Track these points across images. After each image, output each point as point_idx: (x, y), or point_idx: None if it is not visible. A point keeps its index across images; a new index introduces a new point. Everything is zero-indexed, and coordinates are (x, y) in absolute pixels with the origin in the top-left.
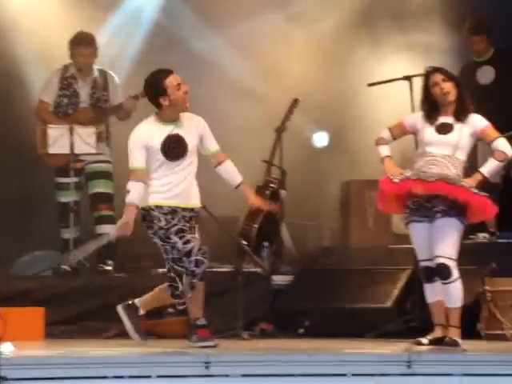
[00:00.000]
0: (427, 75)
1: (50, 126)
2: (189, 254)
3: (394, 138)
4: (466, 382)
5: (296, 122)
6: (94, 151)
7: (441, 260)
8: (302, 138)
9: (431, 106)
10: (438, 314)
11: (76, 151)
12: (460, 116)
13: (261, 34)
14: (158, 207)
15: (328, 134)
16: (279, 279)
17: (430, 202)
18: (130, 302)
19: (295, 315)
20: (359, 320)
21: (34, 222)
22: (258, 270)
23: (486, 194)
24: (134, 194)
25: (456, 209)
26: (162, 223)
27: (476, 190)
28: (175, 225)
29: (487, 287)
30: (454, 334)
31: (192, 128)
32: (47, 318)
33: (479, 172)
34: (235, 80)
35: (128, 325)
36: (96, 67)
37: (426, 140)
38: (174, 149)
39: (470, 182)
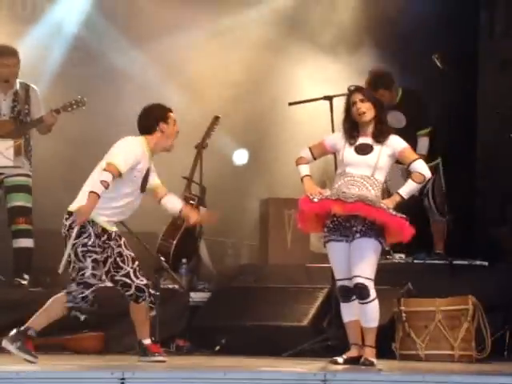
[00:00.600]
0: (349, 94)
1: None
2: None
3: (315, 158)
4: None
5: (216, 139)
6: (11, 164)
7: (359, 280)
8: (223, 155)
9: (351, 126)
10: (353, 333)
11: None
12: (379, 137)
13: (182, 50)
14: (95, 224)
15: (248, 152)
16: (197, 296)
17: (348, 222)
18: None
19: (212, 332)
20: (276, 338)
21: None
22: (176, 286)
23: (403, 215)
24: None
25: (374, 229)
26: (90, 242)
27: (394, 212)
28: (96, 252)
29: (402, 307)
30: (370, 353)
31: (152, 168)
32: None
33: (398, 193)
34: (155, 95)
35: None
36: (18, 80)
37: (345, 160)
38: (143, 182)
39: (389, 204)
